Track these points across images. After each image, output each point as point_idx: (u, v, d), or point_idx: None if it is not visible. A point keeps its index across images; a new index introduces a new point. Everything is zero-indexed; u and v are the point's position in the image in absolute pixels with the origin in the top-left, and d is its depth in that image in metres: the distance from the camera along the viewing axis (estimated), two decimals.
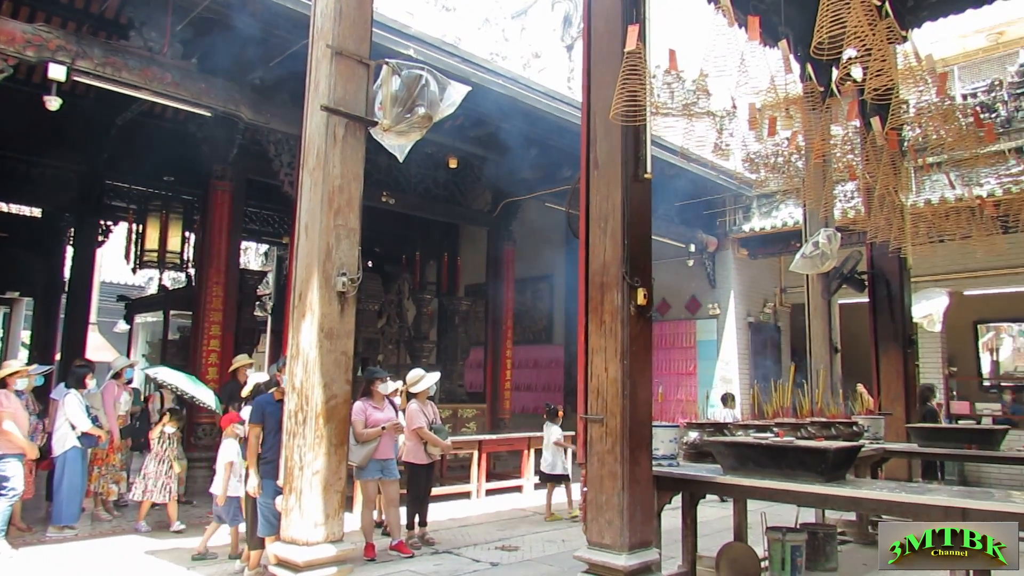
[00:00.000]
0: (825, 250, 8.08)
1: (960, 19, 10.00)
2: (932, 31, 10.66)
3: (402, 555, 6.52)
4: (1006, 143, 10.62)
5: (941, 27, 10.41)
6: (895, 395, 8.36)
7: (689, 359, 13.81)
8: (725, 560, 5.42)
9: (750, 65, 4.59)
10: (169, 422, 7.43)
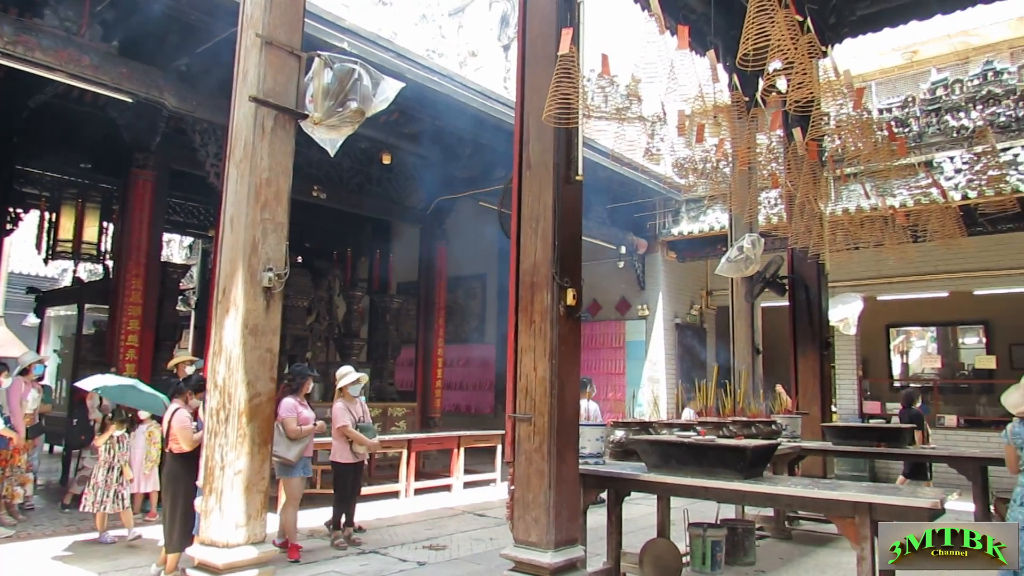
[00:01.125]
0: (749, 254, 8.35)
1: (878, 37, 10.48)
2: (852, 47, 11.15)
3: (289, 559, 6.26)
4: (917, 157, 11.19)
5: (861, 44, 10.90)
6: (812, 395, 8.72)
7: (618, 359, 14.05)
8: (648, 556, 5.54)
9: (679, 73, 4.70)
10: (115, 426, 6.81)
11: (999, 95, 10.97)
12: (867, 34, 9.87)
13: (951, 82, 11.50)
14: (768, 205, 11.77)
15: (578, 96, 4.38)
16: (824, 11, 8.86)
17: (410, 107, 9.08)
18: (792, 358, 8.96)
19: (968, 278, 12.59)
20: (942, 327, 16.78)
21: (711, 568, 5.92)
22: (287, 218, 4.71)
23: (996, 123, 10.85)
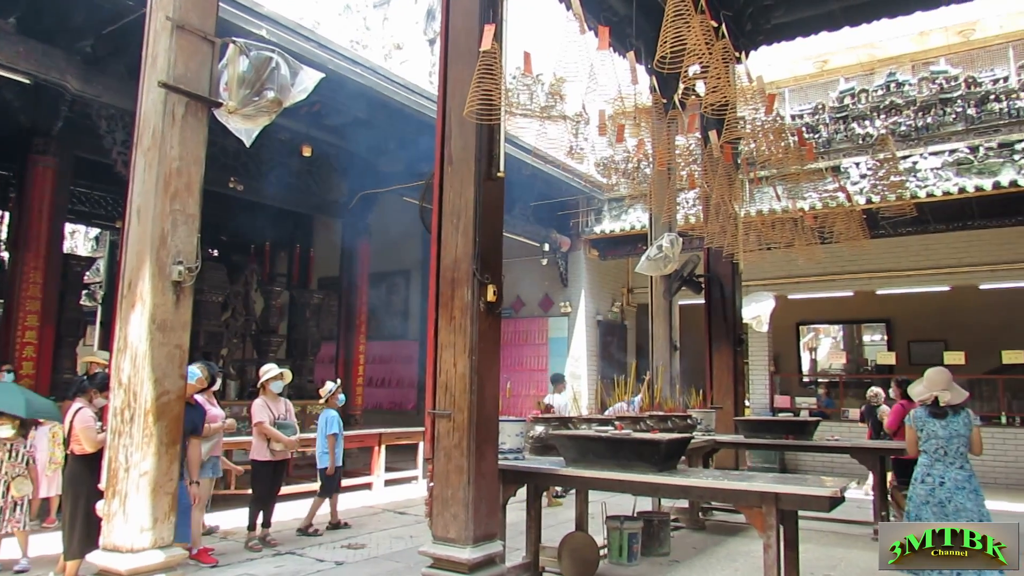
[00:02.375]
0: (668, 253, 8.55)
1: (792, 46, 10.93)
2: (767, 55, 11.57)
3: (201, 564, 6.02)
4: (826, 162, 11.73)
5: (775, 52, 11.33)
6: (726, 390, 9.02)
7: (541, 356, 14.19)
8: (567, 549, 5.62)
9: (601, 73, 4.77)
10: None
11: (901, 105, 11.61)
12: (781, 42, 10.28)
13: (857, 91, 12.09)
14: (687, 205, 12.09)
15: (500, 93, 4.39)
16: (741, 19, 9.16)
17: (332, 99, 8.91)
18: (707, 354, 9.24)
19: (871, 278, 13.29)
20: (848, 325, 17.67)
21: (627, 560, 6.05)
22: (199, 210, 4.54)
23: (897, 132, 11.47)
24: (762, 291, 12.64)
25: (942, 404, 5.05)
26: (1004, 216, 11.05)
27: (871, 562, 6.30)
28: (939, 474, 4.99)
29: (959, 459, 4.99)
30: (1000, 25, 13.54)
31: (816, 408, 13.87)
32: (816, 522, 7.46)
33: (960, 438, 4.99)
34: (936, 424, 5.06)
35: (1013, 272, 12.21)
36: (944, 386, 5.09)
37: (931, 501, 4.98)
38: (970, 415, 5.11)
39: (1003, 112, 10.85)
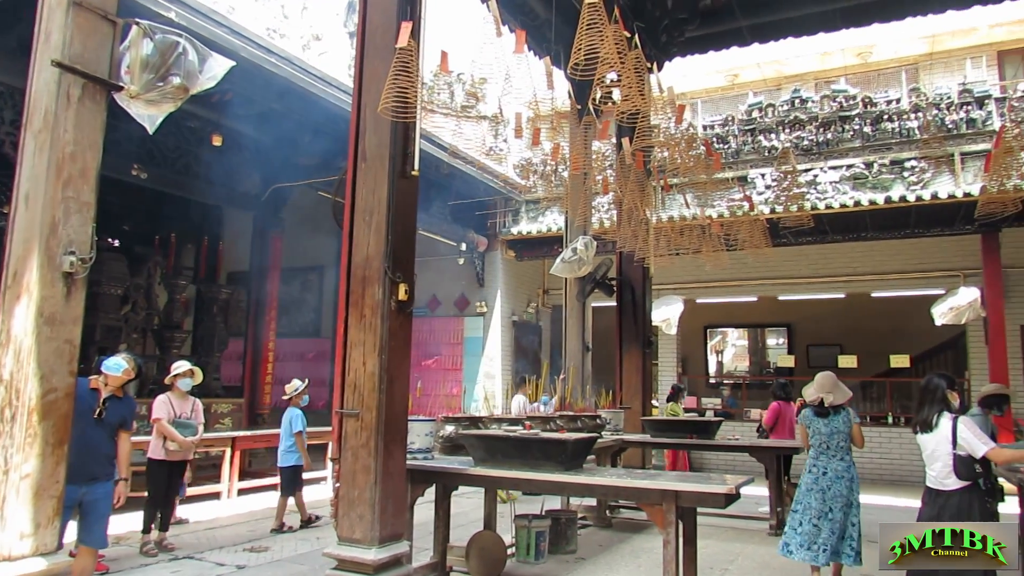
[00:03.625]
0: (582, 256, 8.70)
1: (704, 59, 11.32)
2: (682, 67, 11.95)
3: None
4: (734, 172, 12.20)
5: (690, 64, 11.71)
6: (635, 390, 9.25)
7: (456, 355, 14.18)
8: (474, 548, 5.64)
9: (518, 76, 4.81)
10: None
11: (804, 121, 12.18)
12: (694, 55, 10.64)
13: (765, 106, 12.62)
14: (602, 209, 12.33)
15: (416, 91, 4.37)
16: (656, 30, 9.42)
17: (246, 88, 8.64)
18: (617, 355, 9.45)
19: (774, 285, 13.91)
20: (752, 329, 18.42)
21: (535, 558, 6.11)
22: (95, 197, 4.31)
23: (800, 146, 12.04)
24: (672, 295, 13.05)
25: (827, 404, 5.57)
26: (894, 229, 11.79)
27: (767, 556, 6.63)
28: (823, 465, 5.54)
29: (840, 452, 5.54)
30: (895, 50, 14.44)
31: (721, 408, 14.39)
32: (718, 518, 7.76)
33: (840, 434, 5.54)
34: (820, 422, 5.60)
35: (901, 281, 13.03)
36: (830, 388, 5.60)
37: (814, 488, 5.50)
38: (850, 413, 5.63)
39: (895, 131, 11.54)
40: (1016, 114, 10.91)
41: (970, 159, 10.89)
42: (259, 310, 12.36)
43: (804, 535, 5.44)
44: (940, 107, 11.34)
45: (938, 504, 4.37)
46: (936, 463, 4.38)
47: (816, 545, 5.37)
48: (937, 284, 12.47)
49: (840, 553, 5.38)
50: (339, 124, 9.52)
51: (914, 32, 13.66)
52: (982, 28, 13.53)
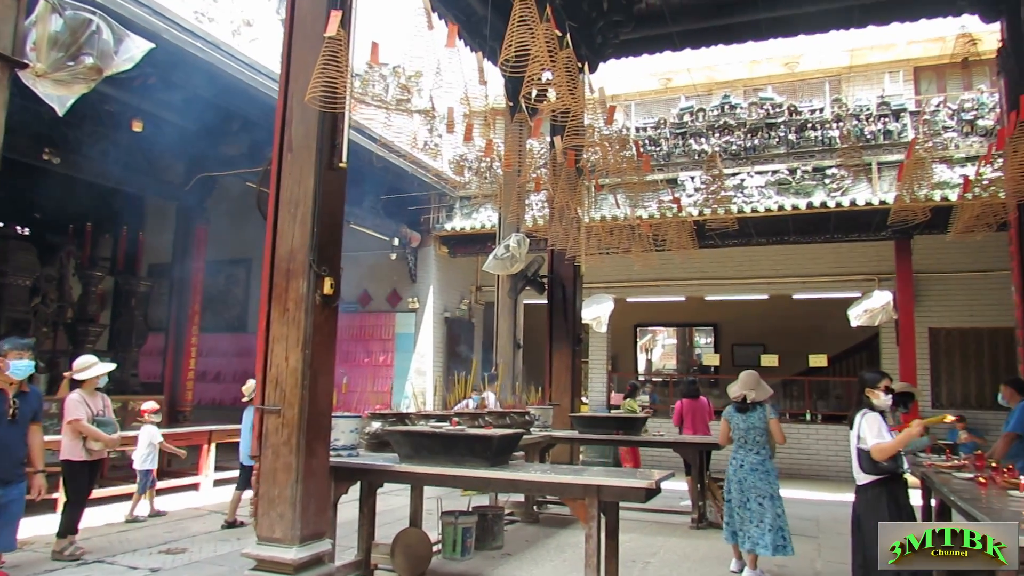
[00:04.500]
0: (515, 253, 8.73)
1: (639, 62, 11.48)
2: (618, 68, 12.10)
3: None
4: (664, 174, 12.45)
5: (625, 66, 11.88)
6: (564, 387, 9.33)
7: (387, 351, 14.03)
8: (399, 546, 5.59)
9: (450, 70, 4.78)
10: None
11: (733, 126, 12.53)
12: (629, 57, 10.79)
13: (696, 110, 12.92)
14: (535, 207, 12.40)
15: (345, 81, 4.29)
16: (592, 31, 9.52)
17: (170, 72, 8.33)
18: (547, 352, 9.52)
19: (701, 285, 14.25)
20: (680, 328, 18.85)
21: (461, 554, 6.11)
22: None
23: (729, 151, 12.37)
24: (602, 293, 13.23)
25: (749, 401, 5.87)
26: (815, 233, 12.25)
27: (688, 549, 6.79)
28: (741, 458, 5.90)
29: (756, 446, 5.85)
30: (819, 61, 14.98)
31: (649, 405, 14.66)
32: (642, 513, 7.90)
33: (756, 429, 5.85)
34: (739, 417, 5.94)
35: (821, 284, 13.54)
36: (752, 386, 5.90)
37: (734, 479, 5.87)
38: (766, 409, 5.93)
39: (818, 140, 11.99)
40: (928, 127, 11.47)
41: (886, 168, 11.40)
42: (182, 303, 11.95)
43: (732, 522, 5.85)
44: (860, 118, 11.83)
45: (856, 498, 4.59)
46: (853, 458, 4.57)
47: (743, 532, 5.73)
48: (854, 287, 13.01)
49: (757, 543, 5.62)
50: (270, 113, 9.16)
51: (838, 45, 14.21)
52: (900, 44, 14.17)
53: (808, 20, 9.50)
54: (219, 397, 14.53)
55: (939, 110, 11.64)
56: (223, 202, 12.41)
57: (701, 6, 9.46)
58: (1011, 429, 6.28)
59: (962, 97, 11.72)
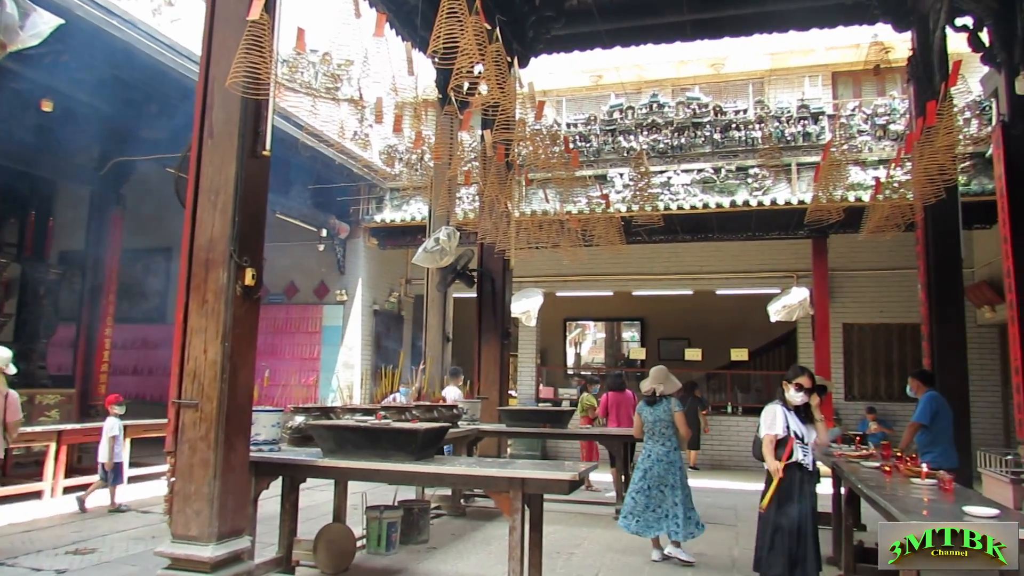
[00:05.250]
0: (445, 246, 8.69)
1: (571, 58, 11.59)
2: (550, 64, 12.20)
3: None
4: (594, 170, 12.61)
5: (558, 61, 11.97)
6: (492, 381, 9.35)
7: (314, 344, 13.78)
8: (322, 541, 5.51)
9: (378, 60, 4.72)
10: None
11: (661, 125, 12.78)
12: (560, 53, 10.87)
13: (625, 108, 13.12)
14: (466, 200, 12.38)
15: (269, 67, 4.18)
16: (523, 26, 9.54)
17: (84, 51, 7.92)
18: (476, 346, 9.53)
19: (628, 281, 14.53)
20: (608, 322, 19.15)
21: (386, 549, 6.06)
22: None
23: (656, 148, 12.62)
24: (532, 288, 13.32)
25: (658, 394, 6.21)
26: (738, 231, 12.65)
27: (611, 539, 6.92)
28: (649, 449, 6.21)
29: (662, 438, 6.17)
30: (744, 63, 15.42)
31: (577, 399, 14.86)
32: (568, 504, 8.02)
33: (663, 421, 6.16)
34: (647, 410, 6.25)
35: (743, 280, 13.99)
36: (661, 380, 6.25)
37: (640, 469, 6.19)
38: (671, 403, 6.23)
39: (741, 140, 12.36)
40: (844, 131, 11.98)
41: (805, 169, 11.85)
42: (95, 293, 11.42)
43: (627, 506, 6.12)
44: (781, 120, 12.25)
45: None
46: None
47: (632, 516, 6.04)
48: (774, 284, 13.49)
49: (663, 528, 5.99)
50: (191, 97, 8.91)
51: (761, 48, 14.65)
52: (819, 50, 14.72)
53: (732, 23, 9.77)
54: (137, 390, 13.98)
55: (854, 114, 12.17)
56: (141, 188, 11.91)
57: (630, 5, 9.60)
58: (916, 419, 6.65)
59: (876, 102, 12.29)
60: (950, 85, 5.64)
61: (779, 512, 4.64)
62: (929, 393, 6.69)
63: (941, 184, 6.54)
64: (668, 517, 5.96)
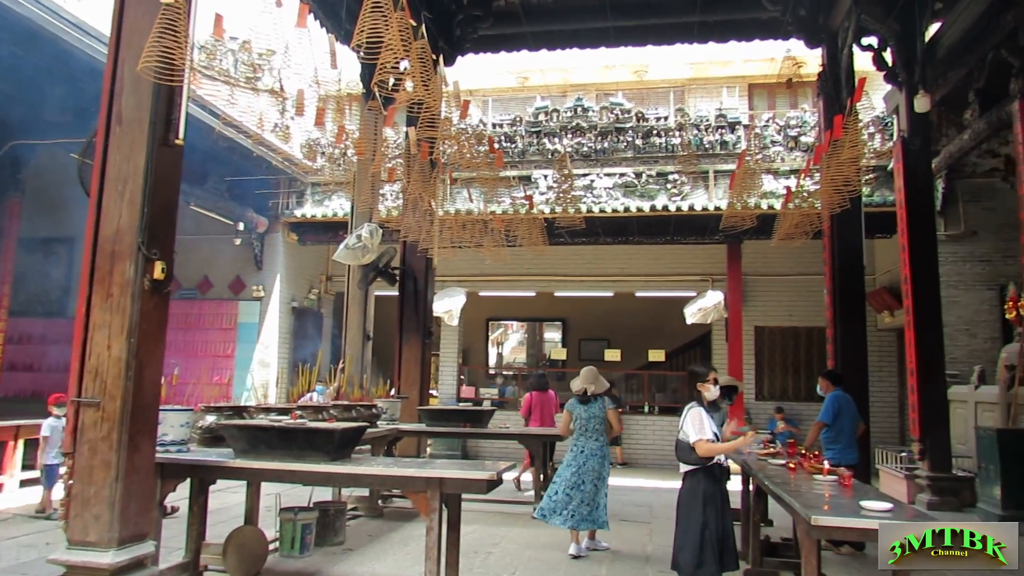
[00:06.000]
0: (367, 243, 8.57)
1: (498, 58, 11.63)
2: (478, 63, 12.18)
3: None
4: (519, 171, 12.68)
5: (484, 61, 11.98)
6: (413, 380, 9.29)
7: (228, 341, 13.34)
8: (233, 545, 5.34)
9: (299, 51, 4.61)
10: None
11: (585, 128, 12.97)
12: (488, 53, 10.90)
13: (550, 110, 13.26)
14: (390, 197, 12.24)
15: (184, 52, 4.02)
16: (451, 24, 9.51)
17: None
18: (397, 345, 9.43)
19: (551, 281, 14.68)
20: (531, 322, 19.28)
21: (300, 551, 5.93)
22: None
23: (580, 152, 12.80)
24: (455, 287, 13.29)
25: (588, 394, 6.47)
26: (657, 235, 12.97)
27: (530, 537, 6.98)
28: (581, 445, 6.47)
29: (595, 434, 6.46)
30: (666, 71, 15.82)
31: (498, 398, 14.92)
32: (488, 504, 8.02)
33: (596, 419, 6.47)
34: (581, 408, 6.51)
35: (662, 283, 14.35)
36: (592, 380, 6.49)
37: (572, 464, 6.40)
38: (605, 401, 6.55)
39: (662, 146, 12.68)
40: (758, 141, 12.45)
41: (722, 176, 12.25)
42: None
43: (557, 502, 6.28)
44: (700, 128, 12.63)
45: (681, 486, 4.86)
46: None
47: (567, 511, 6.22)
48: (690, 287, 13.89)
49: (591, 520, 6.27)
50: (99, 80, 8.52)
51: (682, 58, 15.08)
52: (737, 62, 15.25)
53: (654, 32, 10.02)
54: (34, 388, 13.19)
55: (768, 125, 12.66)
56: (42, 174, 11.24)
57: (555, 9, 9.72)
58: (820, 418, 6.96)
59: (789, 114, 12.82)
60: (855, 101, 5.93)
61: (707, 510, 4.75)
62: (834, 393, 6.99)
63: (846, 195, 6.87)
64: (599, 508, 6.30)
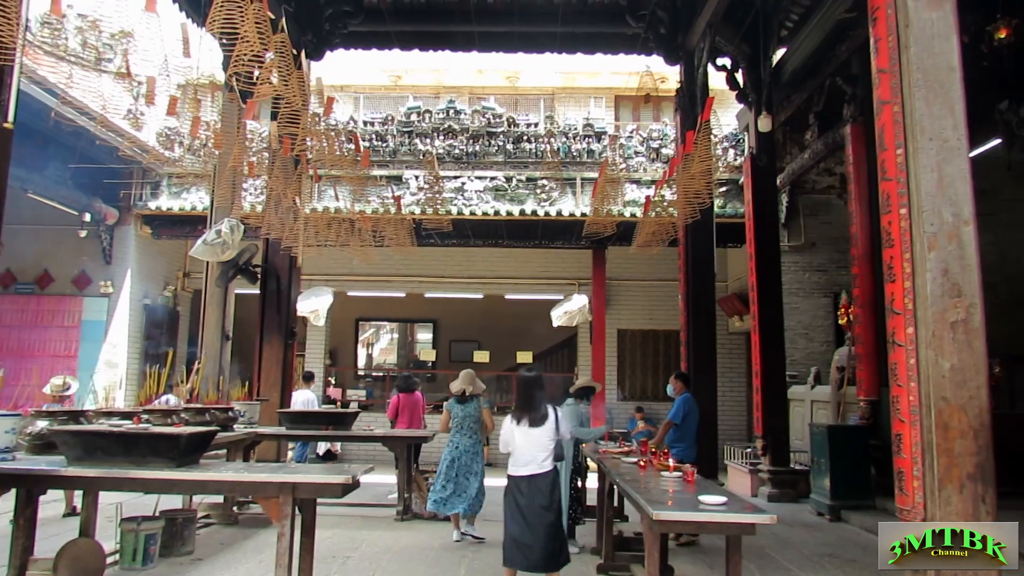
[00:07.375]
0: (227, 239, 8.21)
1: (369, 55, 11.46)
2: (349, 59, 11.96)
3: None
4: (389, 171, 12.58)
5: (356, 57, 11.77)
6: (273, 382, 9.00)
7: (71, 340, 12.37)
8: (65, 559, 4.99)
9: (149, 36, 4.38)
10: None
11: (457, 130, 13.04)
12: (359, 49, 10.73)
13: (423, 111, 13.22)
14: (252, 193, 11.80)
15: (15, 31, 3.73)
16: (319, 18, 9.31)
17: None
18: (258, 346, 9.12)
19: (421, 282, 14.66)
20: (401, 323, 19.15)
21: (143, 563, 5.62)
22: None
23: (452, 154, 12.86)
24: (322, 286, 12.97)
25: (467, 394, 7.10)
26: (526, 238, 13.25)
27: (390, 540, 6.94)
28: (457, 441, 7.12)
29: (470, 432, 7.14)
30: (537, 78, 16.18)
31: (365, 400, 14.71)
32: (349, 508, 7.89)
33: (471, 417, 7.13)
34: (458, 407, 7.14)
35: (530, 286, 14.68)
36: (469, 382, 7.14)
37: (449, 458, 7.06)
38: (480, 401, 7.22)
39: (532, 152, 12.96)
40: (622, 151, 12.99)
41: (588, 184, 12.68)
42: None
43: (438, 493, 6.99)
44: (568, 136, 13.02)
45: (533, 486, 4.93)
46: (541, 452, 4.92)
47: (447, 502, 6.96)
48: (557, 290, 14.29)
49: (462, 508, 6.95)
50: None
51: (553, 67, 15.47)
52: (605, 73, 15.81)
53: (520, 39, 10.26)
54: None
55: (632, 136, 13.24)
56: None
57: (421, 11, 9.75)
58: (670, 418, 7.38)
59: (651, 127, 13.46)
60: (704, 118, 6.33)
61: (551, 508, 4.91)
62: (684, 395, 7.44)
63: (697, 206, 7.33)
64: (476, 496, 7.02)
